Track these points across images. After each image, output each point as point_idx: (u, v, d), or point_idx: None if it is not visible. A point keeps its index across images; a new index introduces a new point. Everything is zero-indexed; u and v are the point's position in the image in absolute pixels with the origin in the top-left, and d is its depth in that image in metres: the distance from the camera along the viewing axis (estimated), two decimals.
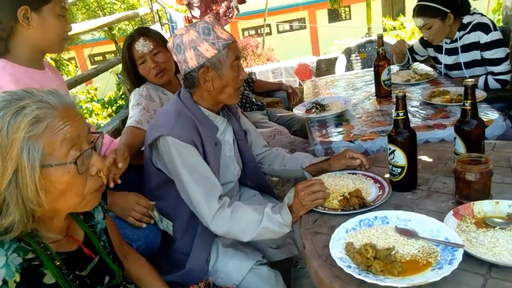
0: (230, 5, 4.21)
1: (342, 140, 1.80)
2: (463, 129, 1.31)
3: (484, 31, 2.26)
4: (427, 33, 2.38)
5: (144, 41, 1.88)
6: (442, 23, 2.31)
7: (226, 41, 1.35)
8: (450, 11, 2.28)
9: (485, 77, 2.30)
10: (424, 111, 1.95)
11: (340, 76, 3.00)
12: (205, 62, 1.34)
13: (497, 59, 2.27)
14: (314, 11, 20.31)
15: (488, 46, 2.26)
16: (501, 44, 2.26)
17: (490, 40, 2.24)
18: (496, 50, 2.25)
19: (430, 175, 1.44)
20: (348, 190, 1.36)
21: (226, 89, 1.40)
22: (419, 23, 2.36)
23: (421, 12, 2.34)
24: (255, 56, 10.40)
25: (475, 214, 1.14)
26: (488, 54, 2.27)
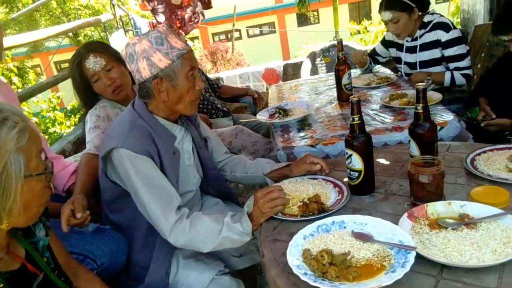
0: (195, 10, 4.18)
1: (304, 145, 1.81)
2: (416, 132, 1.34)
3: (444, 29, 2.36)
4: (393, 27, 2.44)
5: (95, 58, 1.73)
6: (409, 17, 2.40)
7: (180, 50, 1.33)
8: (415, 6, 2.38)
9: (451, 73, 2.37)
10: (383, 114, 1.98)
11: (304, 80, 3.02)
12: (159, 72, 1.31)
13: (460, 54, 2.37)
14: (283, 16, 20.52)
15: (450, 43, 2.35)
16: (461, 41, 2.37)
17: (452, 37, 2.35)
18: (459, 47, 2.36)
19: (388, 177, 1.46)
20: (307, 195, 1.37)
21: (182, 99, 1.37)
22: (387, 17, 2.42)
23: (389, 5, 2.41)
24: (224, 61, 10.39)
25: (429, 216, 1.17)
26: (451, 51, 2.36)
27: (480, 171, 1.35)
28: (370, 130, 1.82)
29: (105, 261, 1.33)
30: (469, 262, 0.96)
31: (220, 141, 1.71)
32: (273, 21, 21.27)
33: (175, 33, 1.36)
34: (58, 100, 5.36)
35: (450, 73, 2.36)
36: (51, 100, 5.19)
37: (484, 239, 1.02)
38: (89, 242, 1.35)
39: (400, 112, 1.97)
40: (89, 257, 1.30)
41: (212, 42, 14.97)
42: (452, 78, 2.35)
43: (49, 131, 4.73)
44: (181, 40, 1.35)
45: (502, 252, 0.97)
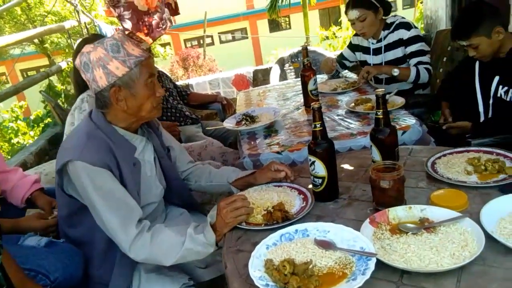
0: (162, 16, 4.13)
1: (270, 152, 1.80)
2: (377, 137, 1.35)
3: (406, 28, 2.48)
4: (360, 26, 2.52)
5: None
6: (375, 16, 2.50)
7: (138, 58, 1.29)
8: (380, 6, 2.49)
9: (416, 68, 2.42)
10: (348, 119, 2.00)
11: (272, 86, 3.02)
12: (116, 81, 1.27)
13: (422, 50, 2.46)
14: (255, 21, 20.62)
15: (412, 40, 2.46)
16: (422, 39, 2.48)
17: (413, 35, 2.46)
18: (421, 44, 2.46)
19: (352, 183, 1.46)
20: (272, 203, 1.35)
21: (143, 107, 1.34)
22: (354, 15, 2.49)
23: (356, 4, 2.50)
24: (196, 67, 10.32)
25: (390, 221, 1.17)
26: (414, 47, 2.45)
27: (440, 174, 1.37)
28: (336, 136, 1.84)
29: (59, 276, 1.27)
30: (428, 266, 0.97)
31: (184, 150, 1.68)
32: (245, 27, 21.35)
33: (132, 40, 1.32)
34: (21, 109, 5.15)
35: (415, 68, 2.42)
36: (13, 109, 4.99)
37: (443, 243, 1.03)
38: (41, 257, 1.29)
39: (365, 117, 1.99)
40: (41, 273, 1.24)
41: (184, 48, 14.85)
42: (417, 72, 2.41)
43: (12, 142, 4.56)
44: (138, 47, 1.31)
45: (460, 255, 0.98)
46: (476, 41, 1.88)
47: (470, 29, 1.88)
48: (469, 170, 1.35)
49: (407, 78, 2.41)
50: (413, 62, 2.44)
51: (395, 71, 2.38)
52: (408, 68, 2.42)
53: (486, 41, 1.87)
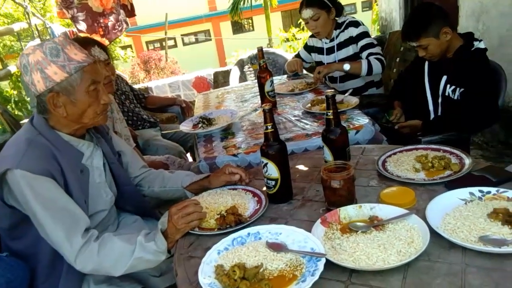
0: (118, 18, 4.03)
1: (226, 155, 1.78)
2: (328, 137, 1.36)
3: (355, 26, 2.57)
4: (314, 25, 2.57)
5: (100, 49, 1.89)
6: (328, 16, 2.56)
7: (80, 63, 1.23)
8: (332, 6, 2.56)
9: (367, 60, 2.46)
10: (304, 120, 2.01)
11: (231, 88, 3.01)
12: (54, 86, 1.21)
13: (372, 43, 2.53)
14: (218, 23, 20.54)
15: (361, 36, 2.54)
16: (369, 35, 2.56)
17: (361, 31, 2.55)
18: (369, 38, 2.54)
19: (306, 183, 1.47)
20: (225, 207, 1.33)
21: (85, 114, 1.28)
22: (308, 14, 2.54)
23: (310, 3, 2.54)
24: (158, 70, 10.14)
25: (341, 220, 1.18)
26: (364, 42, 2.53)
27: (390, 172, 1.40)
28: (291, 137, 1.84)
29: None
30: (375, 264, 0.98)
31: (136, 154, 1.63)
32: (208, 28, 21.22)
33: (76, 44, 1.26)
34: None
35: (366, 60, 2.46)
36: None
37: (390, 240, 1.05)
38: None
39: (320, 117, 2.01)
40: None
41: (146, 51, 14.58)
42: (369, 65, 2.44)
43: None
44: (82, 52, 1.26)
45: (406, 252, 1.00)
46: (425, 41, 1.94)
47: (419, 30, 1.93)
48: (417, 167, 1.39)
49: (359, 71, 2.44)
50: (364, 55, 2.49)
51: (346, 66, 2.43)
52: (359, 61, 2.46)
53: (435, 42, 1.93)
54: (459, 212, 1.11)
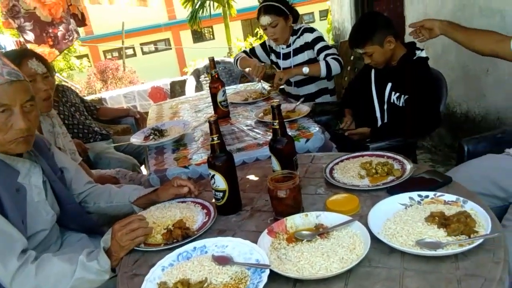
0: (69, 28, 3.90)
1: (177, 166, 1.75)
2: (275, 147, 1.37)
3: (310, 32, 2.61)
4: (272, 32, 2.58)
5: (38, 62, 1.80)
6: (285, 22, 2.59)
7: None
8: (289, 13, 2.60)
9: (325, 62, 2.47)
10: (256, 129, 2.02)
11: (185, 98, 2.98)
12: None
13: (327, 45, 2.58)
14: (178, 32, 20.40)
15: (316, 40, 2.59)
16: (324, 39, 2.61)
17: (316, 36, 2.60)
18: (323, 42, 2.59)
19: (255, 193, 1.47)
20: (173, 221, 1.31)
21: None
22: (266, 21, 2.55)
23: (268, 10, 2.56)
24: (116, 79, 9.93)
25: (288, 229, 1.19)
26: (319, 45, 2.57)
27: (337, 179, 1.42)
28: (243, 146, 1.85)
29: None
30: (318, 273, 0.99)
31: (80, 170, 1.57)
32: (168, 37, 21.03)
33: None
34: None
35: (324, 62, 2.47)
36: None
37: (333, 248, 1.06)
38: None
39: (272, 126, 2.02)
40: None
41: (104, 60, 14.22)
42: (327, 65, 2.46)
43: None
44: None
45: (348, 259, 1.01)
46: (370, 49, 2.01)
47: (365, 38, 2.00)
48: (362, 174, 1.42)
49: (319, 73, 2.46)
50: (321, 57, 2.52)
51: (305, 70, 2.45)
52: (318, 63, 2.48)
53: (379, 50, 2.00)
54: (399, 217, 1.14)
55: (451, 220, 1.05)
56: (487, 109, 2.61)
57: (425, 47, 3.06)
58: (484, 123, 2.65)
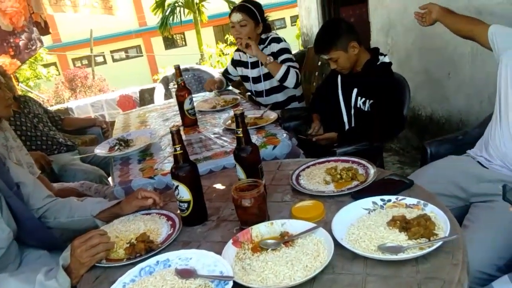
0: (31, 36, 3.79)
1: (142, 177, 1.72)
2: (240, 155, 1.36)
3: (276, 42, 2.61)
4: (239, 31, 2.56)
5: None
6: (254, 27, 2.59)
7: None
8: (261, 22, 2.61)
9: (287, 67, 2.47)
10: (224, 137, 2.01)
11: (153, 106, 2.93)
12: None
13: (291, 58, 2.58)
14: (149, 39, 20.17)
15: (281, 51, 2.58)
16: (289, 52, 2.62)
17: (282, 47, 2.59)
18: (288, 54, 2.59)
19: (222, 203, 1.45)
20: (136, 235, 1.27)
21: None
22: (237, 18, 2.55)
23: (241, 9, 2.56)
24: (85, 88, 9.70)
25: (253, 239, 1.17)
26: (283, 56, 2.57)
27: (303, 186, 1.42)
28: (210, 155, 1.83)
29: None
30: (282, 282, 0.98)
31: (39, 184, 1.51)
32: (139, 44, 20.77)
33: None
34: None
35: (286, 67, 2.47)
36: None
37: (298, 256, 1.05)
38: None
39: None
40: None
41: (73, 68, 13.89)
42: (286, 71, 2.45)
43: None
44: None
45: (312, 266, 1.01)
46: (335, 55, 2.03)
47: (329, 43, 2.03)
48: (328, 180, 1.43)
49: (276, 73, 2.46)
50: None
51: (269, 58, 2.45)
52: (281, 64, 2.49)
53: (344, 55, 2.03)
54: (362, 222, 1.15)
55: (411, 223, 1.07)
56: (450, 112, 2.69)
57: (389, 52, 3.15)
58: (448, 125, 2.73)
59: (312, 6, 4.42)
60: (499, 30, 1.65)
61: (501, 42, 1.63)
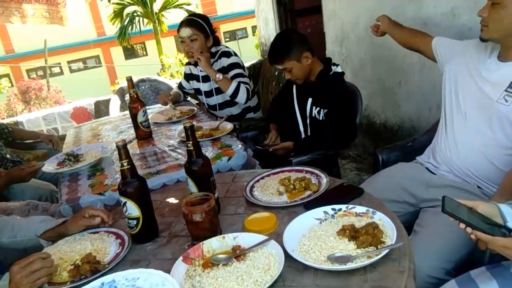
0: None
1: (92, 194, 1.65)
2: (191, 169, 1.33)
3: (226, 56, 2.59)
4: (190, 46, 2.52)
5: None
6: (205, 41, 2.55)
7: None
8: (211, 35, 2.58)
9: (237, 83, 2.45)
10: (179, 149, 1.97)
11: (107, 119, 2.84)
12: None
13: (242, 73, 2.57)
14: (108, 48, 19.69)
15: (231, 66, 2.56)
16: (240, 66, 2.59)
17: (232, 62, 2.57)
18: (239, 69, 2.57)
19: (174, 217, 1.41)
20: (81, 255, 1.21)
21: None
22: (187, 33, 2.50)
23: (190, 23, 2.52)
24: (39, 100, 9.32)
25: (205, 254, 1.15)
26: (234, 72, 2.55)
27: (256, 197, 1.41)
28: (164, 168, 1.79)
29: None
30: None
31: None
32: (97, 54, 20.23)
33: None
34: None
35: (237, 83, 2.45)
36: None
37: (249, 270, 1.04)
38: None
39: None
40: None
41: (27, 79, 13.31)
42: (238, 87, 2.44)
43: None
44: None
45: (262, 280, 1.00)
46: (288, 65, 2.05)
47: (283, 54, 2.05)
48: (281, 190, 1.43)
49: (227, 89, 2.44)
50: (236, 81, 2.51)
51: (218, 76, 2.42)
52: (231, 80, 2.47)
53: (297, 65, 2.06)
54: (313, 232, 1.15)
55: (360, 232, 1.08)
56: (402, 119, 2.78)
57: (344, 62, 3.22)
58: (401, 132, 2.81)
59: (269, 16, 4.47)
60: (441, 41, 1.73)
61: (444, 53, 1.71)
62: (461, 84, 1.58)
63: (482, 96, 1.49)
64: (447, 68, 1.68)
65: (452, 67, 1.65)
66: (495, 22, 1.40)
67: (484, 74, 1.50)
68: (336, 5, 3.28)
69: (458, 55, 1.64)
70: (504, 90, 1.43)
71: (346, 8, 3.16)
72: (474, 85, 1.52)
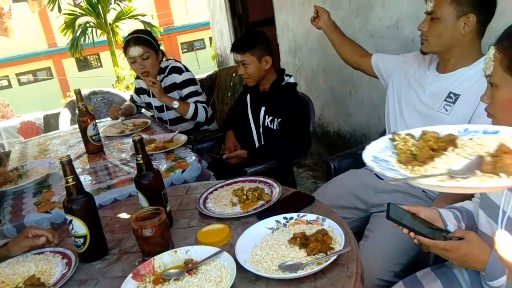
0: None
1: (37, 212, 1.57)
2: (141, 183, 1.31)
3: (178, 72, 2.55)
4: (143, 65, 2.47)
5: None
6: (156, 57, 2.51)
7: None
8: (159, 50, 2.55)
9: (195, 105, 2.45)
10: (131, 163, 1.93)
11: (56, 133, 2.73)
12: None
13: (197, 91, 2.54)
14: (59, 60, 18.98)
15: (185, 83, 2.54)
16: (194, 82, 2.57)
17: (185, 78, 2.54)
18: (193, 86, 2.54)
19: (125, 233, 1.37)
20: (24, 278, 1.15)
21: None
22: (138, 52, 2.44)
23: (139, 41, 2.46)
24: None
25: (156, 270, 1.12)
26: (188, 90, 2.53)
27: (209, 209, 1.40)
28: (115, 183, 1.74)
29: None
30: None
31: None
32: (49, 66, 19.45)
33: None
34: None
35: (194, 105, 2.45)
36: None
37: (200, 284, 1.02)
38: None
39: None
40: None
41: None
42: (196, 109, 2.44)
43: None
44: None
45: None
46: (248, 58, 2.09)
47: (248, 46, 2.11)
48: (235, 201, 1.43)
49: (185, 113, 2.43)
50: (191, 101, 2.49)
51: (174, 104, 2.38)
52: (188, 103, 2.45)
53: (256, 64, 2.10)
54: (265, 242, 1.15)
55: (310, 239, 1.09)
56: (353, 127, 2.87)
57: (297, 73, 3.30)
58: (353, 140, 2.91)
59: (224, 28, 4.50)
60: (381, 58, 1.81)
61: (385, 69, 1.79)
62: (404, 95, 1.66)
63: (423, 107, 1.57)
64: (390, 83, 1.75)
65: (395, 81, 1.72)
66: (434, 36, 1.47)
67: (424, 85, 1.58)
68: (288, 17, 3.36)
69: (398, 69, 1.72)
70: (444, 100, 1.51)
71: (298, 21, 3.24)
72: (416, 96, 1.60)
